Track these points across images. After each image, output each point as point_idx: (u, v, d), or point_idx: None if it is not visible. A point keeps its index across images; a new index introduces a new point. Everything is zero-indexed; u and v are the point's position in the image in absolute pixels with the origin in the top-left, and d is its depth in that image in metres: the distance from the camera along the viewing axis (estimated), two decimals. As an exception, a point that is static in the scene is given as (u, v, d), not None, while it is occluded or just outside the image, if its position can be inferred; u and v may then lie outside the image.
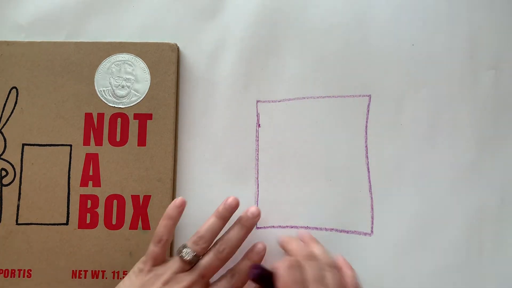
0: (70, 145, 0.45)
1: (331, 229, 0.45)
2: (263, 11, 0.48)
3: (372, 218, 0.45)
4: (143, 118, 0.45)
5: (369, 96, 0.46)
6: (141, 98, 0.46)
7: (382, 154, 0.45)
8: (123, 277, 0.41)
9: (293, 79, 0.47)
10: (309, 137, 0.46)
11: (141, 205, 0.44)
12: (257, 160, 0.46)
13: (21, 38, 0.48)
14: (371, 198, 0.45)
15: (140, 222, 0.44)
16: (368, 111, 0.46)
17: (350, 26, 0.48)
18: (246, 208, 0.42)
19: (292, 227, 0.45)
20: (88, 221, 0.44)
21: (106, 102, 0.46)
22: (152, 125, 0.45)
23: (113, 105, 0.46)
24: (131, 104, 0.46)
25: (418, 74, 0.47)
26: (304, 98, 0.47)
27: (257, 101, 0.47)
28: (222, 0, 0.49)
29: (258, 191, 0.45)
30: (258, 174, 0.46)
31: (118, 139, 0.45)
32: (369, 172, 0.45)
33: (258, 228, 0.45)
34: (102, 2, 0.49)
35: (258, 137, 0.46)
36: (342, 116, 0.46)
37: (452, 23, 0.47)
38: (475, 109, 0.46)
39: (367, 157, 0.46)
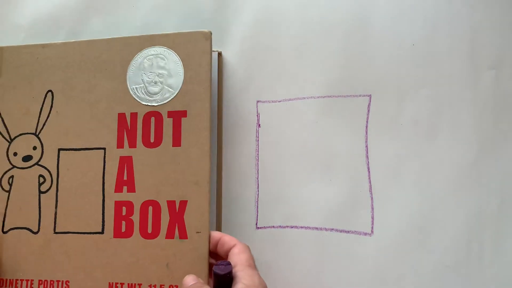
0: (104, 148, 0.43)
1: (331, 229, 0.45)
2: (263, 11, 0.48)
3: (372, 218, 0.45)
4: (177, 116, 0.42)
5: (369, 96, 0.46)
6: (174, 94, 0.43)
7: (382, 154, 0.45)
8: None
9: (293, 79, 0.47)
10: (309, 137, 0.46)
11: (178, 212, 0.41)
12: (257, 160, 0.46)
13: (21, 38, 0.48)
14: (371, 198, 0.45)
15: (176, 231, 0.41)
16: (368, 111, 0.46)
17: (350, 26, 0.48)
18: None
19: (292, 227, 0.45)
20: (123, 229, 0.42)
21: (139, 100, 0.43)
22: (187, 123, 0.42)
23: (146, 103, 0.43)
24: (165, 101, 0.43)
25: (418, 74, 0.47)
26: (304, 98, 0.47)
27: (257, 101, 0.47)
28: (222, 0, 0.49)
29: (258, 191, 0.45)
30: (258, 174, 0.46)
31: (152, 139, 0.42)
32: (369, 172, 0.45)
33: (258, 228, 0.45)
34: (102, 2, 0.49)
35: (258, 137, 0.46)
36: (342, 116, 0.46)
37: (452, 23, 0.47)
38: (475, 109, 0.46)
39: (367, 157, 0.46)
